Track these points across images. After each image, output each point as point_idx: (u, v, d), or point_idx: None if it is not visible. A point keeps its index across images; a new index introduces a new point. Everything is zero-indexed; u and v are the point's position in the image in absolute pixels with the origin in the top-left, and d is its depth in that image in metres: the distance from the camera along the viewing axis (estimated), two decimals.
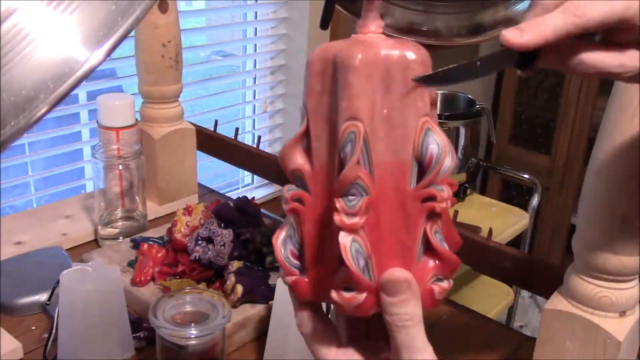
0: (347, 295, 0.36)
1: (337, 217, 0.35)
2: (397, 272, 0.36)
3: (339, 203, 0.35)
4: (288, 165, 0.38)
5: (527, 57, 0.37)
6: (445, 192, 0.36)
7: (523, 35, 0.36)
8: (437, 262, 0.37)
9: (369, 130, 0.36)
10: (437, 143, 0.36)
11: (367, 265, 0.36)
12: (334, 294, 0.36)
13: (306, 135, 0.39)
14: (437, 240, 0.37)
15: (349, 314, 0.37)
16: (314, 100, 0.38)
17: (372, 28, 0.38)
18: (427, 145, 0.36)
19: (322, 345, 0.40)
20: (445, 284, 0.37)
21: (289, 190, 0.38)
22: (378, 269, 0.36)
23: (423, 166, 0.36)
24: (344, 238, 0.35)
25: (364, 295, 0.36)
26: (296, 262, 0.38)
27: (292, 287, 0.39)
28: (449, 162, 0.37)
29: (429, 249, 0.37)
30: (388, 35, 0.38)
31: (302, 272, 0.38)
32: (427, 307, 0.37)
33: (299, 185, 0.38)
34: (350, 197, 0.35)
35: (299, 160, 0.38)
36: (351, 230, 0.35)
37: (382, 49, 0.36)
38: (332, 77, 0.37)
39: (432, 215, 0.36)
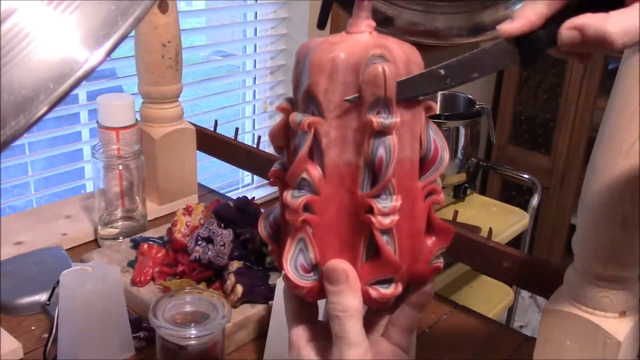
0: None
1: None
2: (337, 263, 0.37)
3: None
4: (274, 140, 0.40)
5: (530, 49, 0.37)
6: (391, 204, 0.36)
7: (515, 21, 0.37)
8: (379, 264, 0.37)
9: (322, 131, 0.36)
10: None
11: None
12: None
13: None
14: (387, 245, 0.37)
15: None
16: (294, 97, 0.39)
17: (362, 27, 0.38)
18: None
19: (292, 319, 0.41)
20: (388, 290, 0.38)
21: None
22: (324, 263, 0.37)
23: (375, 172, 0.36)
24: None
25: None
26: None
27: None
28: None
29: (376, 251, 0.37)
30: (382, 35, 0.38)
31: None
32: (370, 306, 0.39)
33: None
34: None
35: (282, 139, 0.39)
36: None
37: (342, 51, 0.36)
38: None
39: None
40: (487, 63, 0.37)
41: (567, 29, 0.35)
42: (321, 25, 0.59)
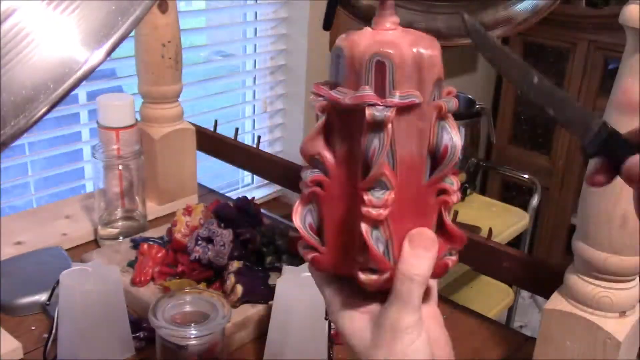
0: (373, 277, 0.39)
1: (364, 209, 0.37)
2: (427, 231, 0.39)
3: (366, 196, 0.37)
4: (309, 152, 0.40)
5: (605, 145, 0.37)
6: (455, 184, 0.39)
7: None
8: (450, 240, 0.40)
9: (395, 127, 0.37)
10: (451, 137, 0.38)
11: (387, 249, 0.38)
12: (361, 275, 0.39)
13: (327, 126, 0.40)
14: (449, 219, 0.40)
15: (372, 291, 0.40)
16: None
17: (387, 25, 0.38)
18: (440, 139, 0.38)
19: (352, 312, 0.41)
20: (454, 257, 0.41)
21: (310, 173, 0.40)
22: (398, 252, 0.39)
23: (435, 160, 0.39)
24: (366, 227, 0.37)
25: (387, 274, 0.38)
26: (315, 236, 0.41)
27: (312, 263, 0.41)
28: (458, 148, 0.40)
29: (441, 229, 0.40)
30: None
31: (322, 245, 0.41)
32: (437, 276, 0.41)
33: (319, 169, 0.40)
34: (376, 190, 0.37)
35: (321, 145, 0.40)
36: (376, 221, 0.37)
37: (371, 44, 0.37)
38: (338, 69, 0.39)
39: (445, 204, 0.39)
40: (567, 113, 0.38)
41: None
42: (327, 26, 0.59)
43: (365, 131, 0.37)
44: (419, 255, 0.38)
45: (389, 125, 0.36)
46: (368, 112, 0.36)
